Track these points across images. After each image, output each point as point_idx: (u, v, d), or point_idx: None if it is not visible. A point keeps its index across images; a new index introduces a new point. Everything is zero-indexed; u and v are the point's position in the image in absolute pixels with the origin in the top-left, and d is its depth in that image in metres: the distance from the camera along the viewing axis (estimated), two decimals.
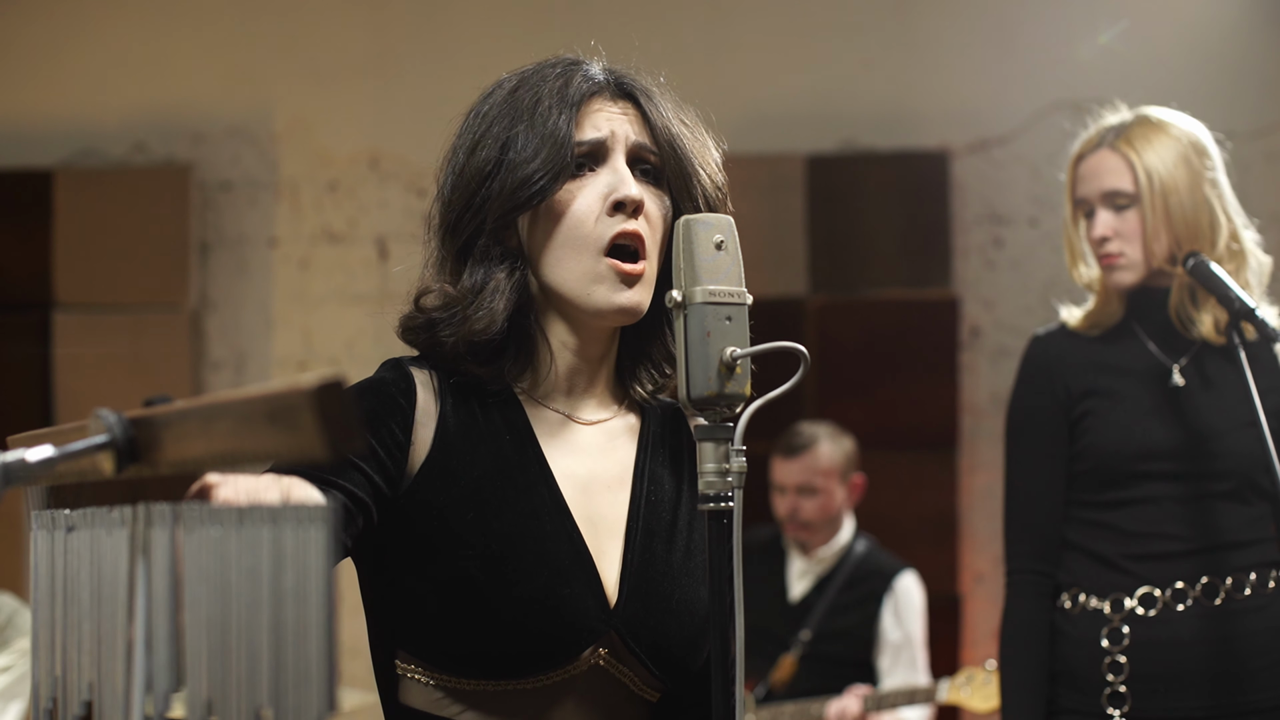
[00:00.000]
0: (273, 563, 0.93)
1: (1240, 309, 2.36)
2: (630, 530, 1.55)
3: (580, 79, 1.55)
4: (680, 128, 1.57)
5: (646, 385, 1.61)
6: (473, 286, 1.52)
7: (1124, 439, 2.44)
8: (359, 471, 1.44)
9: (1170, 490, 2.42)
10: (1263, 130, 4.91)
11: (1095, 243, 2.47)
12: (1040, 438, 2.50)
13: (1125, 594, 2.43)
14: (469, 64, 4.87)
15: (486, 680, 1.47)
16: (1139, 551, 2.43)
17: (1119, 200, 2.45)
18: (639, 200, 1.51)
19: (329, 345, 5.14)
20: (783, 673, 3.88)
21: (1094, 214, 2.47)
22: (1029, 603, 2.51)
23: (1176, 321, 2.47)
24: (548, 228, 1.52)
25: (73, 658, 1.15)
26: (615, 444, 1.59)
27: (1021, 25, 5.04)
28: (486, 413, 1.53)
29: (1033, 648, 2.49)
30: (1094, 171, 2.48)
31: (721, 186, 1.59)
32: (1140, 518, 2.43)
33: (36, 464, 1.01)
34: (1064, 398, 2.49)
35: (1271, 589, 2.43)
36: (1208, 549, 2.42)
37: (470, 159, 1.54)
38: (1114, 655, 2.42)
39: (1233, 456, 2.42)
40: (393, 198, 5.14)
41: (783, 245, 4.92)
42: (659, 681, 1.54)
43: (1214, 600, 2.41)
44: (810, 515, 3.95)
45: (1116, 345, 2.51)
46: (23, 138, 5.19)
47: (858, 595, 3.94)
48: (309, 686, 0.90)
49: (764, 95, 4.98)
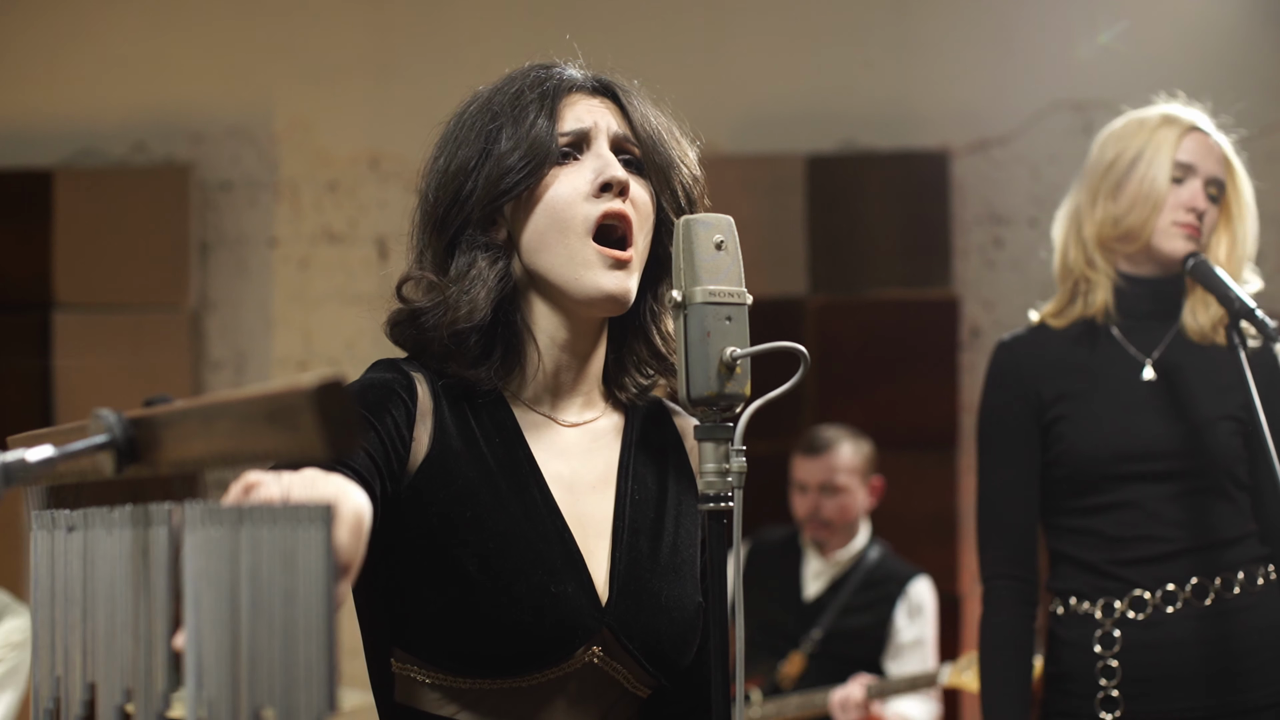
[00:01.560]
0: (273, 563, 0.92)
1: (1240, 309, 2.36)
2: (617, 529, 1.55)
3: (559, 77, 1.58)
4: (658, 122, 1.59)
5: (632, 387, 1.62)
6: (456, 275, 1.52)
7: (1100, 442, 2.43)
8: (366, 455, 1.43)
9: (1152, 491, 2.41)
10: (1263, 130, 4.90)
11: (1189, 209, 2.45)
12: (1012, 444, 2.50)
13: (1116, 598, 2.42)
14: (469, 64, 4.87)
15: (482, 679, 1.48)
16: (1127, 556, 2.42)
17: (1212, 190, 2.49)
18: (625, 181, 1.52)
19: (329, 345, 5.14)
20: (791, 668, 3.91)
21: (1183, 183, 2.47)
22: (1006, 610, 2.50)
23: (1189, 316, 2.47)
24: (534, 213, 1.52)
25: (73, 658, 1.15)
26: (599, 444, 1.60)
27: (1021, 25, 5.04)
28: (477, 415, 1.54)
29: (1012, 655, 2.48)
30: (1210, 152, 2.51)
31: (700, 180, 1.61)
32: (1124, 522, 2.42)
33: (36, 464, 1.01)
34: (1035, 403, 2.48)
35: (1261, 586, 2.42)
36: (1195, 549, 2.41)
37: (453, 158, 1.55)
38: (1106, 660, 2.41)
39: (1210, 451, 2.41)
40: (393, 198, 5.14)
41: (783, 245, 4.92)
42: (651, 678, 1.55)
43: (1204, 600, 2.40)
44: (831, 514, 3.98)
45: (1086, 343, 2.50)
46: (23, 138, 5.19)
47: (871, 597, 3.97)
48: (309, 686, 0.90)
49: (764, 95, 4.98)
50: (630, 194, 1.53)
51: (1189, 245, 2.44)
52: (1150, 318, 2.50)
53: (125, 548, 1.07)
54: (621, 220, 1.52)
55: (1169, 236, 2.44)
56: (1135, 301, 2.49)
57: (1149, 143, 2.48)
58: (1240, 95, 5.21)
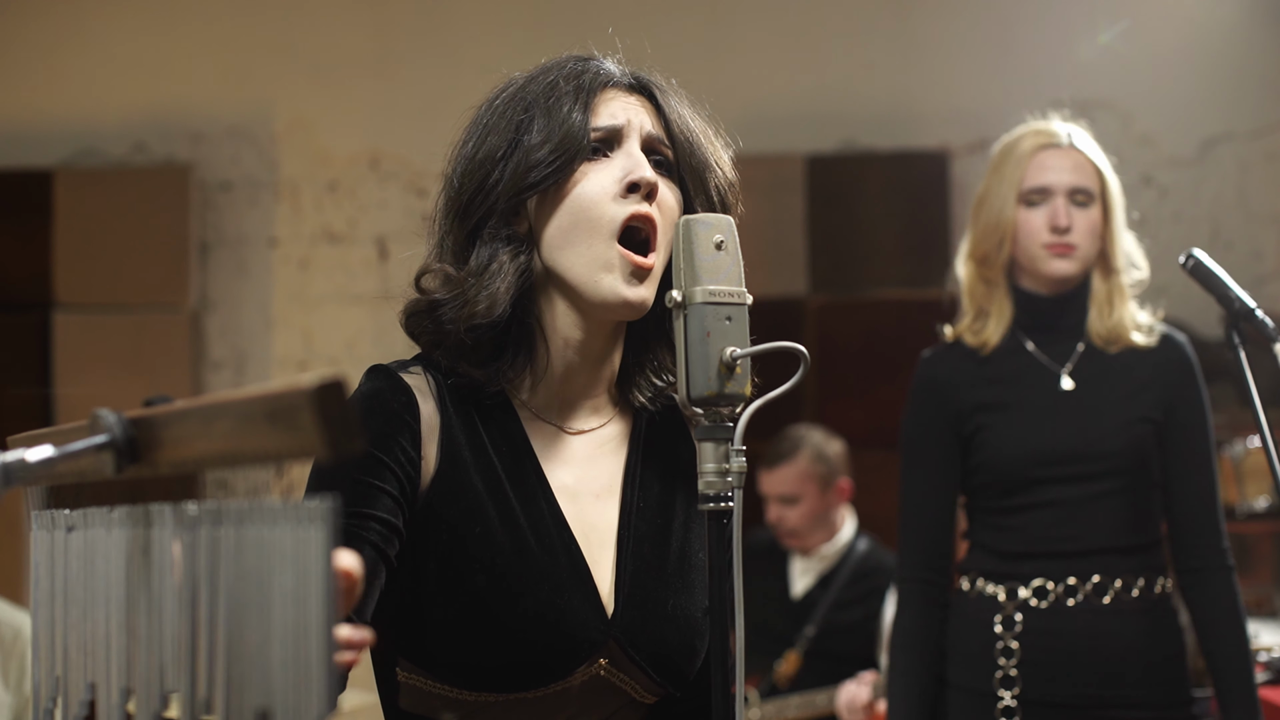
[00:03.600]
0: (273, 563, 0.92)
1: (1240, 309, 2.36)
2: (622, 538, 1.54)
3: (595, 70, 1.54)
4: (695, 123, 1.56)
5: (647, 389, 1.59)
6: (476, 268, 1.49)
7: (1018, 449, 2.55)
8: (379, 521, 1.43)
9: (1066, 493, 2.53)
10: (1263, 130, 4.91)
11: (1052, 229, 2.54)
12: (930, 456, 2.62)
13: (1021, 584, 2.53)
14: (469, 64, 4.87)
15: (488, 692, 1.47)
16: (1039, 550, 2.54)
17: (1079, 197, 2.56)
18: (654, 183, 1.49)
19: (329, 345, 5.14)
20: (787, 668, 3.90)
21: (1041, 206, 2.56)
22: (916, 610, 2.61)
23: (1096, 322, 2.58)
24: (559, 209, 1.49)
25: (73, 658, 1.15)
26: (603, 452, 1.57)
27: (1021, 25, 5.04)
28: (485, 422, 1.51)
29: (918, 656, 2.60)
30: (1059, 164, 2.57)
31: (734, 185, 1.57)
32: (1040, 521, 2.53)
33: (36, 464, 1.01)
34: (953, 417, 2.61)
35: (1158, 594, 2.54)
36: (1103, 550, 2.53)
37: (482, 145, 1.52)
38: (1006, 641, 2.53)
39: (1125, 454, 2.53)
40: (393, 198, 5.14)
41: (783, 245, 4.92)
42: (659, 687, 1.54)
43: (1103, 598, 2.52)
44: (795, 523, 3.97)
45: (1003, 357, 2.62)
46: (23, 138, 5.19)
47: (861, 591, 3.95)
48: (309, 686, 0.90)
49: (764, 95, 4.98)
50: (658, 197, 1.50)
51: (1063, 264, 2.55)
52: (1059, 329, 2.61)
53: (125, 548, 1.07)
54: (646, 223, 1.48)
55: (1041, 261, 2.57)
56: (1040, 316, 2.61)
57: (995, 174, 2.61)
58: (1240, 95, 5.20)
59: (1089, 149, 2.60)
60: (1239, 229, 4.98)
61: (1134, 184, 5.16)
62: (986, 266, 2.62)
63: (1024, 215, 2.57)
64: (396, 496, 1.44)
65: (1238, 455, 3.89)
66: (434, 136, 1.61)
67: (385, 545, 1.43)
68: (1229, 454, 3.90)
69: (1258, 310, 2.36)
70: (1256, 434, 2.70)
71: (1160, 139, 4.96)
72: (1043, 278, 2.58)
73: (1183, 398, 2.56)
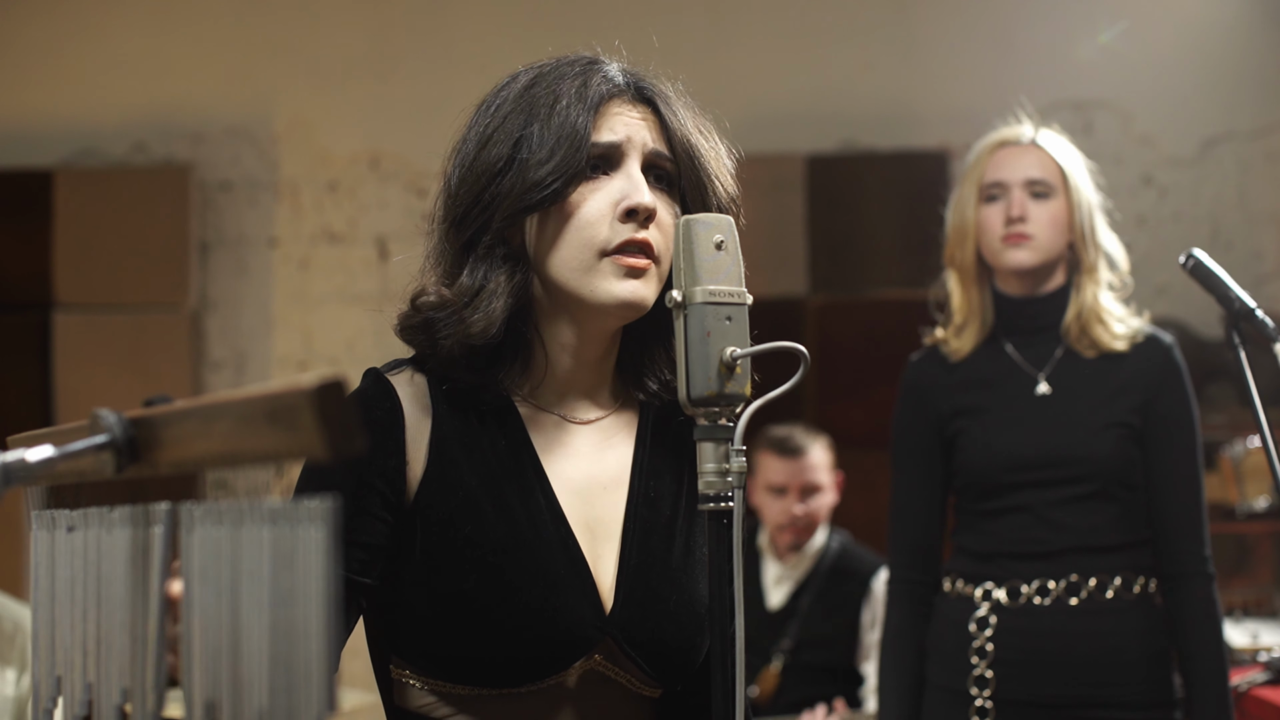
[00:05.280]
0: (273, 563, 0.92)
1: (1240, 309, 2.35)
2: (627, 531, 1.53)
3: (599, 80, 1.51)
4: (698, 137, 1.54)
5: (653, 384, 1.59)
6: (471, 287, 1.48)
7: (990, 455, 2.58)
8: (359, 547, 1.44)
9: (1040, 496, 2.55)
10: (1263, 130, 4.91)
11: (1007, 221, 2.58)
12: (916, 458, 2.67)
13: (995, 584, 2.56)
14: (469, 64, 4.87)
15: (481, 687, 1.47)
16: (1014, 551, 2.56)
17: (1038, 189, 2.59)
18: (651, 209, 1.48)
19: (329, 345, 5.14)
20: (766, 684, 3.78)
21: (1000, 200, 2.60)
22: (903, 610, 2.66)
23: (1073, 324, 2.59)
24: (556, 229, 1.48)
25: (73, 658, 1.15)
26: (612, 442, 1.57)
27: (1021, 25, 5.04)
28: (481, 419, 1.51)
29: (905, 655, 2.64)
30: (1016, 160, 2.61)
31: (736, 198, 1.56)
32: (1015, 524, 2.56)
33: (36, 464, 1.01)
34: (935, 420, 2.65)
35: (1135, 594, 2.54)
36: (1077, 550, 2.54)
37: (481, 153, 1.50)
38: (981, 641, 2.55)
39: (1099, 458, 2.53)
40: (393, 198, 5.14)
41: (783, 245, 4.92)
42: (657, 682, 1.54)
43: (1074, 600, 2.53)
44: (814, 516, 3.85)
45: (983, 360, 2.64)
46: (23, 138, 5.19)
47: (835, 600, 3.83)
48: (309, 686, 0.90)
49: (764, 95, 4.98)
50: (657, 218, 1.49)
51: (1019, 254, 2.58)
52: (1037, 332, 2.63)
53: (125, 548, 1.07)
54: (643, 247, 1.47)
55: (999, 254, 2.60)
56: (1017, 319, 2.63)
57: (963, 177, 2.68)
58: (1240, 95, 5.20)
59: (1052, 146, 2.62)
60: (1239, 229, 4.98)
61: (1134, 184, 5.18)
62: (958, 268, 2.66)
63: (984, 212, 2.61)
64: (378, 513, 1.44)
65: (1238, 455, 3.88)
66: (434, 136, 1.60)
67: (361, 573, 1.44)
68: (1229, 454, 3.89)
69: (1258, 310, 2.35)
70: (1256, 434, 2.69)
71: (1160, 139, 4.97)
72: (1003, 271, 2.61)
73: (1164, 401, 2.55)
